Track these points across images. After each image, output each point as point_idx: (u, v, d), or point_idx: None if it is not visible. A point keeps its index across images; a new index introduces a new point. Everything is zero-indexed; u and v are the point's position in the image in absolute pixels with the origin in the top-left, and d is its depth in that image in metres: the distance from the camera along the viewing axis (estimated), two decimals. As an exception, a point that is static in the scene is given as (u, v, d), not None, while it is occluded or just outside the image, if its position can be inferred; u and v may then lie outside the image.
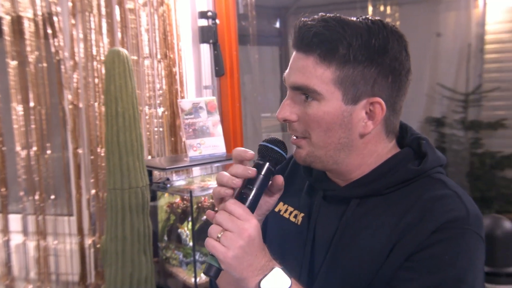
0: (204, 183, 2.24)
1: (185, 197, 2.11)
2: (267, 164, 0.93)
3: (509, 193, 4.19)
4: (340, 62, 0.93)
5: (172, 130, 2.49)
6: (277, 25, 5.27)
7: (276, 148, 0.94)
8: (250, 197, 0.92)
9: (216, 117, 2.26)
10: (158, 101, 2.46)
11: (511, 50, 4.87)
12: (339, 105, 0.95)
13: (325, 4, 5.25)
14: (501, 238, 1.98)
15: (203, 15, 2.50)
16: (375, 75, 0.94)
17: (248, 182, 0.93)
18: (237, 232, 0.87)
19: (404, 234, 0.92)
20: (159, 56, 2.44)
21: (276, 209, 1.14)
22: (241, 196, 0.93)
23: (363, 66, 0.93)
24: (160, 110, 2.47)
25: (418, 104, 4.62)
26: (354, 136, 0.98)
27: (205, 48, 2.57)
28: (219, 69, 2.57)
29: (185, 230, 2.17)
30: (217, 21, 2.53)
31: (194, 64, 2.56)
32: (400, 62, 0.96)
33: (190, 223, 2.10)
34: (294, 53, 0.98)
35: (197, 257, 2.06)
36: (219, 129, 2.26)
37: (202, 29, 2.51)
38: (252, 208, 0.92)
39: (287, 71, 1.00)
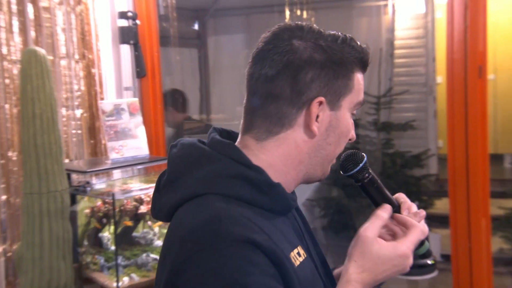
0: (126, 185, 2.21)
1: (106, 200, 2.07)
2: (366, 178, 1.00)
3: (417, 190, 4.43)
4: None
5: (92, 133, 2.43)
6: (196, 27, 5.27)
7: (357, 169, 0.99)
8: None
9: (139, 118, 2.23)
10: (76, 103, 2.39)
11: (418, 55, 5.18)
12: None
13: (243, 7, 5.32)
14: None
15: (123, 15, 2.46)
16: None
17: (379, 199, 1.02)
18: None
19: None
20: (76, 57, 2.37)
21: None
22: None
23: None
24: (79, 112, 2.39)
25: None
26: None
27: (126, 49, 2.52)
28: (140, 70, 2.54)
29: (107, 234, 2.12)
30: (138, 21, 2.50)
31: (114, 65, 2.51)
32: None
33: (112, 227, 2.06)
34: (361, 75, 0.99)
35: (119, 260, 2.02)
36: (141, 130, 2.23)
37: (122, 30, 2.47)
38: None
39: (362, 94, 1.02)
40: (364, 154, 0.99)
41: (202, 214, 0.84)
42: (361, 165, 0.98)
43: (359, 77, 0.96)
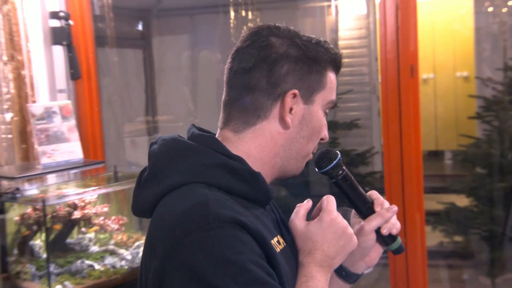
0: (59, 191, 2.14)
1: (37, 206, 2.00)
2: (340, 174, 1.04)
3: (362, 187, 4.51)
4: None
5: (23, 137, 2.34)
6: (140, 27, 5.18)
7: (331, 166, 1.03)
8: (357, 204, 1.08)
9: (72, 121, 2.17)
10: (5, 106, 2.30)
11: (361, 55, 5.28)
12: None
13: (187, 8, 5.27)
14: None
15: (54, 15, 2.39)
16: None
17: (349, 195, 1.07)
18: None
19: None
20: (5, 58, 2.28)
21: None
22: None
23: None
24: (9, 116, 2.30)
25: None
26: None
27: (58, 50, 2.45)
28: (74, 72, 2.47)
29: (39, 242, 2.05)
30: (71, 22, 2.43)
31: (47, 66, 2.43)
32: None
33: (44, 234, 1.99)
34: (333, 75, 1.04)
35: (51, 268, 1.96)
36: (75, 134, 2.17)
37: (54, 30, 2.40)
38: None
39: (334, 93, 1.06)
40: (338, 152, 1.03)
41: (188, 201, 0.87)
42: (335, 162, 1.02)
43: (331, 76, 1.01)
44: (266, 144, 0.98)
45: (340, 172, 1.03)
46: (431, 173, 5.42)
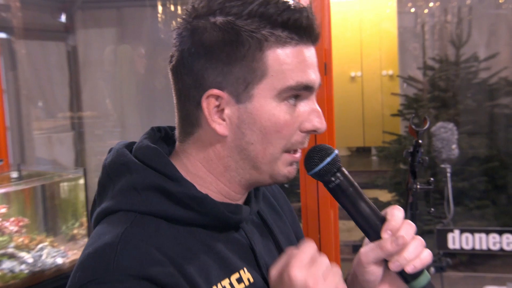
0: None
1: None
2: (338, 177, 0.79)
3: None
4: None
5: None
6: (63, 19, 4.98)
7: (320, 166, 0.78)
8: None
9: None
10: None
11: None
12: None
13: (112, 1, 5.12)
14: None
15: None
16: None
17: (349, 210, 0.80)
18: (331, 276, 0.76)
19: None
20: None
21: None
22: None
23: None
24: None
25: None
26: None
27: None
28: (-27, 64, 2.31)
29: None
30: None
31: None
32: None
33: None
34: (304, 49, 0.77)
35: None
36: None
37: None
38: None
39: (311, 71, 0.78)
40: (335, 149, 0.79)
41: (99, 240, 0.74)
42: (326, 160, 0.77)
43: (279, 54, 0.75)
44: (210, 158, 0.80)
45: (333, 178, 0.78)
46: (358, 169, 5.55)
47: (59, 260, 2.12)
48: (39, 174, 2.34)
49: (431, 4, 4.73)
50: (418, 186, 1.52)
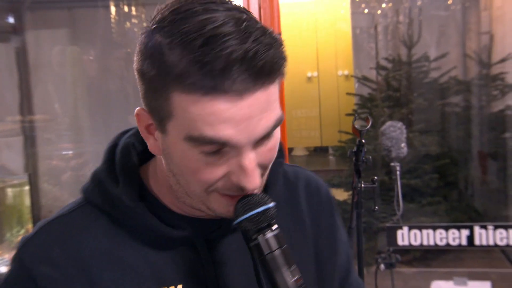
0: None
1: None
2: (267, 234, 0.68)
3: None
4: (282, 72, 0.69)
5: None
6: (12, 20, 4.84)
7: (256, 211, 0.68)
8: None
9: None
10: None
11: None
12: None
13: (63, 1, 5.00)
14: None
15: None
16: None
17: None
18: None
19: None
20: None
21: None
22: None
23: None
24: None
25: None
26: None
27: None
28: None
29: None
30: None
31: None
32: None
33: None
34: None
35: None
36: None
37: None
38: None
39: (237, 129, 0.66)
40: (271, 203, 0.70)
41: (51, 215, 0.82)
42: (252, 212, 0.68)
43: (182, 100, 0.65)
44: (162, 168, 0.76)
45: (254, 237, 0.68)
46: (316, 169, 5.59)
47: (3, 269, 2.05)
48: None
49: (383, 5, 4.81)
50: (363, 185, 1.53)
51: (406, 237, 2.11)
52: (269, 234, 0.67)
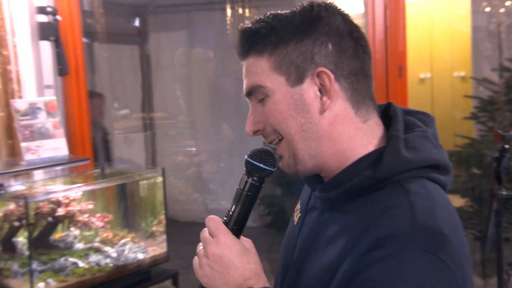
0: (44, 187, 2.13)
1: (20, 203, 1.99)
2: (250, 179, 0.91)
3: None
4: (270, 48, 0.88)
5: (9, 132, 2.32)
6: (137, 23, 5.17)
7: (257, 164, 0.90)
8: (231, 212, 0.91)
9: (57, 118, 2.16)
10: (-9, 101, 2.29)
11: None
12: (286, 90, 0.88)
13: (184, 4, 5.26)
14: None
15: (41, 10, 2.37)
16: (311, 46, 0.87)
17: (234, 199, 0.92)
18: (204, 250, 0.89)
19: (347, 253, 0.80)
20: (-9, 53, 2.27)
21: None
22: (227, 213, 0.92)
23: (294, 42, 0.87)
24: (-5, 111, 2.29)
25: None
26: (315, 117, 0.88)
27: (46, 46, 2.43)
28: (62, 68, 2.46)
29: (22, 239, 2.04)
30: (58, 17, 2.41)
31: (34, 62, 2.42)
32: (336, 26, 0.88)
33: (26, 231, 1.98)
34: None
35: (34, 265, 1.95)
36: (60, 130, 2.16)
37: (42, 25, 2.38)
38: (234, 223, 0.91)
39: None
40: (272, 168, 0.90)
41: None
42: (251, 160, 0.90)
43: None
44: None
45: (244, 174, 0.91)
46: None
47: (140, 256, 2.22)
48: (121, 173, 2.45)
49: (507, 3, 4.55)
50: (504, 193, 1.47)
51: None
52: (249, 180, 0.90)
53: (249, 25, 0.90)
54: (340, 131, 0.88)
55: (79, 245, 2.18)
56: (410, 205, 0.79)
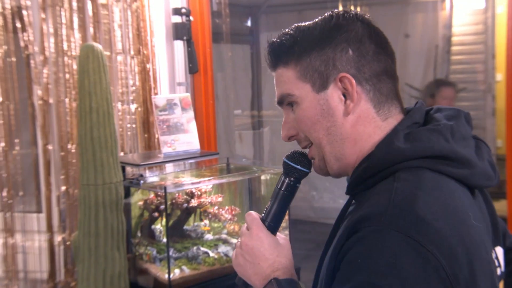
0: (177, 179, 2.24)
1: (159, 193, 2.11)
2: (287, 179, 0.99)
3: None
4: (295, 58, 0.96)
5: (146, 127, 2.48)
6: (249, 23, 5.29)
7: (293, 165, 0.98)
8: (267, 209, 1.00)
9: (190, 113, 2.26)
10: (131, 98, 2.45)
11: (476, 52, 5.00)
12: (313, 96, 0.96)
13: (296, 4, 5.29)
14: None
15: (177, 11, 2.50)
16: (332, 53, 0.94)
17: (271, 197, 1.01)
18: (240, 241, 0.99)
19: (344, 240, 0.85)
20: (132, 52, 2.43)
21: None
22: (265, 211, 1.01)
23: (317, 51, 0.94)
24: (133, 107, 2.45)
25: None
26: (339, 120, 0.94)
27: (179, 45, 2.56)
28: (192, 66, 2.58)
29: (159, 226, 2.17)
30: (191, 18, 2.53)
31: (168, 60, 2.56)
32: (355, 32, 0.94)
33: (164, 219, 2.10)
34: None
35: (170, 253, 2.06)
36: (193, 125, 2.26)
37: (176, 26, 2.51)
38: (271, 219, 0.99)
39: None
40: (306, 169, 0.99)
41: None
42: (288, 161, 0.98)
43: None
44: None
45: (282, 174, 0.99)
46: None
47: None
48: (244, 168, 2.53)
49: None
50: None
51: None
52: (286, 180, 0.98)
53: (275, 38, 0.99)
54: (360, 131, 0.94)
55: (209, 236, 2.27)
56: (391, 190, 0.83)
